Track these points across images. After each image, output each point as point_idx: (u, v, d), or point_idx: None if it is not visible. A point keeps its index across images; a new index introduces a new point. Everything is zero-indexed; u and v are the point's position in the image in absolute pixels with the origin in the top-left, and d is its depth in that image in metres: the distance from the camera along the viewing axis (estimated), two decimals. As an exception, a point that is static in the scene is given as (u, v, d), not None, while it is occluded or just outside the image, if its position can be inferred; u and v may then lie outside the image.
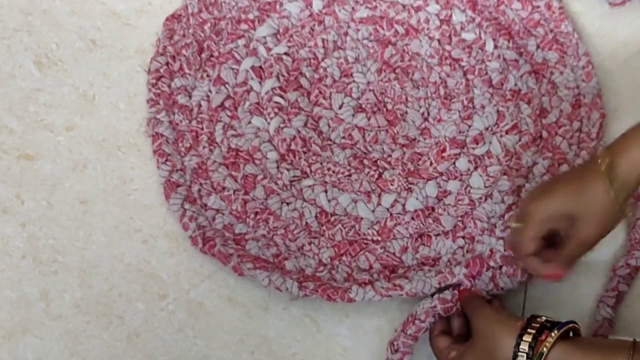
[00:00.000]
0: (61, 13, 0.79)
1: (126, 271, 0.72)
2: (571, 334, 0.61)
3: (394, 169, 0.75)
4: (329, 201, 0.74)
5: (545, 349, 0.59)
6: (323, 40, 0.79)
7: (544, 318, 0.61)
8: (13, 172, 0.74)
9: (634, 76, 0.80)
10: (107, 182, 0.74)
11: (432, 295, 0.69)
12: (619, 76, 0.79)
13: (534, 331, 0.60)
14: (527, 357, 0.59)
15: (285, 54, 0.78)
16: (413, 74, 0.78)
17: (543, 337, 0.59)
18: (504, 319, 0.63)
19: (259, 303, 0.72)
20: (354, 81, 0.78)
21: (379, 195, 0.74)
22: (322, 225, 0.74)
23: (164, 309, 0.71)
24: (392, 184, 0.75)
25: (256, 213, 0.74)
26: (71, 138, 0.76)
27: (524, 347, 0.60)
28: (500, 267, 0.71)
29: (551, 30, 0.78)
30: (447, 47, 0.79)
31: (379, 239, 0.73)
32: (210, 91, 0.77)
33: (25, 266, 0.71)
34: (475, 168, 0.76)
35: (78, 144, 0.76)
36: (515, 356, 0.60)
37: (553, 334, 0.59)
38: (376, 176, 0.75)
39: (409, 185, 0.75)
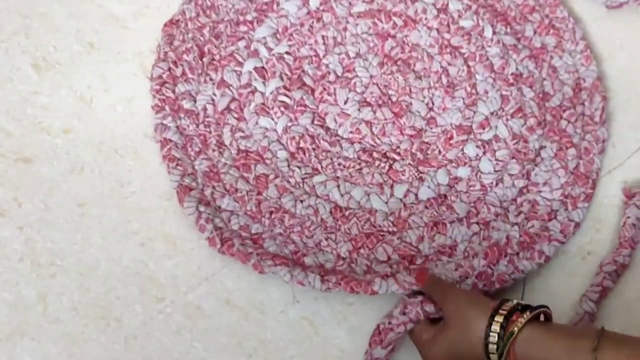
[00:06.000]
0: (59, 16, 0.77)
1: (124, 274, 0.70)
2: (542, 319, 0.62)
3: (403, 159, 0.75)
4: (342, 195, 0.73)
5: (516, 329, 0.60)
6: (323, 37, 0.79)
7: (515, 301, 0.62)
8: (10, 175, 0.72)
9: (632, 79, 0.82)
10: (104, 185, 0.73)
11: None
12: (616, 78, 0.81)
13: (505, 312, 0.61)
14: (498, 337, 0.60)
15: (287, 53, 0.78)
16: (415, 65, 0.79)
17: (514, 317, 0.60)
18: (475, 300, 0.63)
19: (256, 306, 0.70)
20: (356, 76, 0.78)
21: (391, 186, 0.74)
22: (337, 220, 0.73)
23: (161, 311, 0.70)
24: (403, 174, 0.74)
25: (271, 212, 0.72)
26: (69, 141, 0.74)
27: (496, 327, 0.60)
28: (518, 253, 0.71)
29: (547, 16, 0.80)
30: (446, 36, 0.80)
31: (395, 229, 0.73)
32: (214, 94, 0.76)
33: (22, 269, 0.69)
34: (484, 153, 0.76)
35: (75, 147, 0.74)
36: (487, 336, 0.61)
37: (525, 315, 0.60)
38: (387, 168, 0.75)
39: (420, 175, 0.74)
